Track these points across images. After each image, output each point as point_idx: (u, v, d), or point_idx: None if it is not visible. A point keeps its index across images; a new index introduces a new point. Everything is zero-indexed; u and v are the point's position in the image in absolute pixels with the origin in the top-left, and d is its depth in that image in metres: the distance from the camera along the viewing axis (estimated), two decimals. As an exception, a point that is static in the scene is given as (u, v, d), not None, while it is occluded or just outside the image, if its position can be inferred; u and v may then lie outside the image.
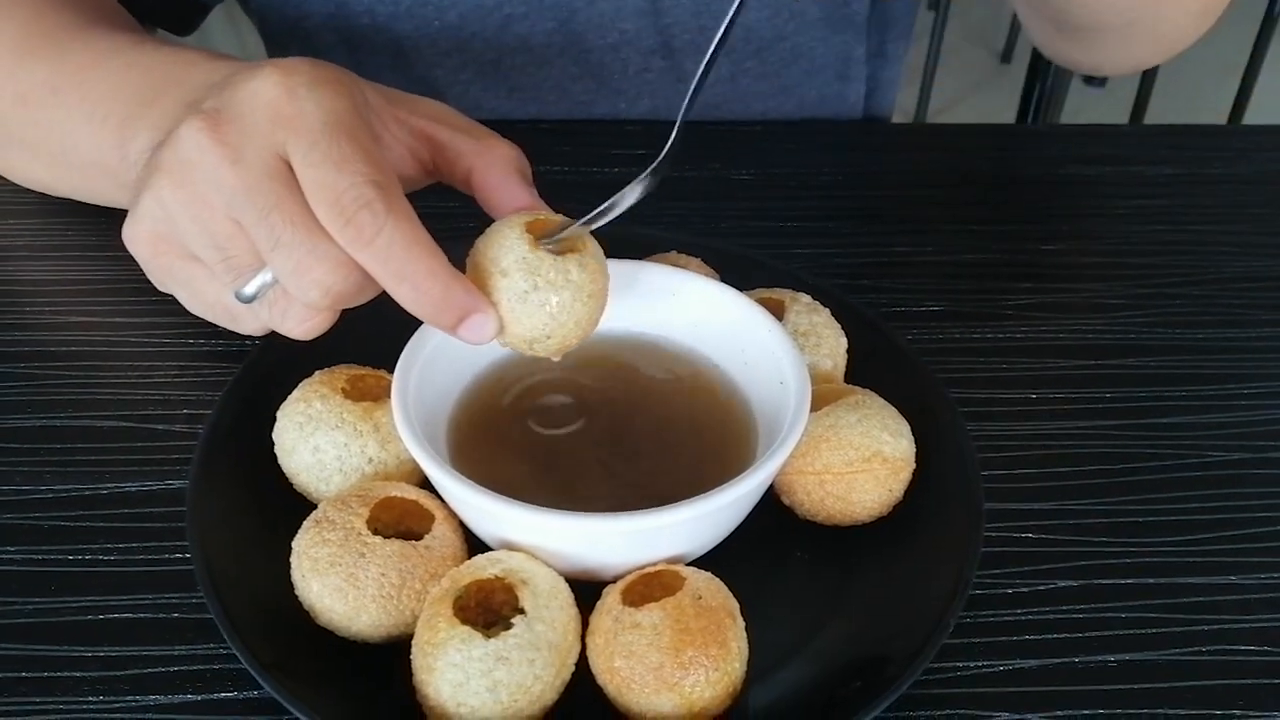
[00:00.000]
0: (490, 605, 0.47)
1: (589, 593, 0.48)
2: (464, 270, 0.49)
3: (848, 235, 0.77)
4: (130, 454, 0.59)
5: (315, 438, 0.52)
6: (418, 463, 0.49)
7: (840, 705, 0.46)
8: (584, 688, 0.47)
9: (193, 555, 0.50)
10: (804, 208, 0.79)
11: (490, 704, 0.44)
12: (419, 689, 0.45)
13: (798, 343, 0.56)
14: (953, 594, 0.49)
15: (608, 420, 0.57)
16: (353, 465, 0.52)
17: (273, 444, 0.54)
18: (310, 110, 0.47)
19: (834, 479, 0.53)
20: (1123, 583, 0.55)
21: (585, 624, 0.48)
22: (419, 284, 0.46)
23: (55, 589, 0.52)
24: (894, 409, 0.55)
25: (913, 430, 0.55)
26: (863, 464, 0.53)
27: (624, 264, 0.57)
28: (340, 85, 0.49)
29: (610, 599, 0.48)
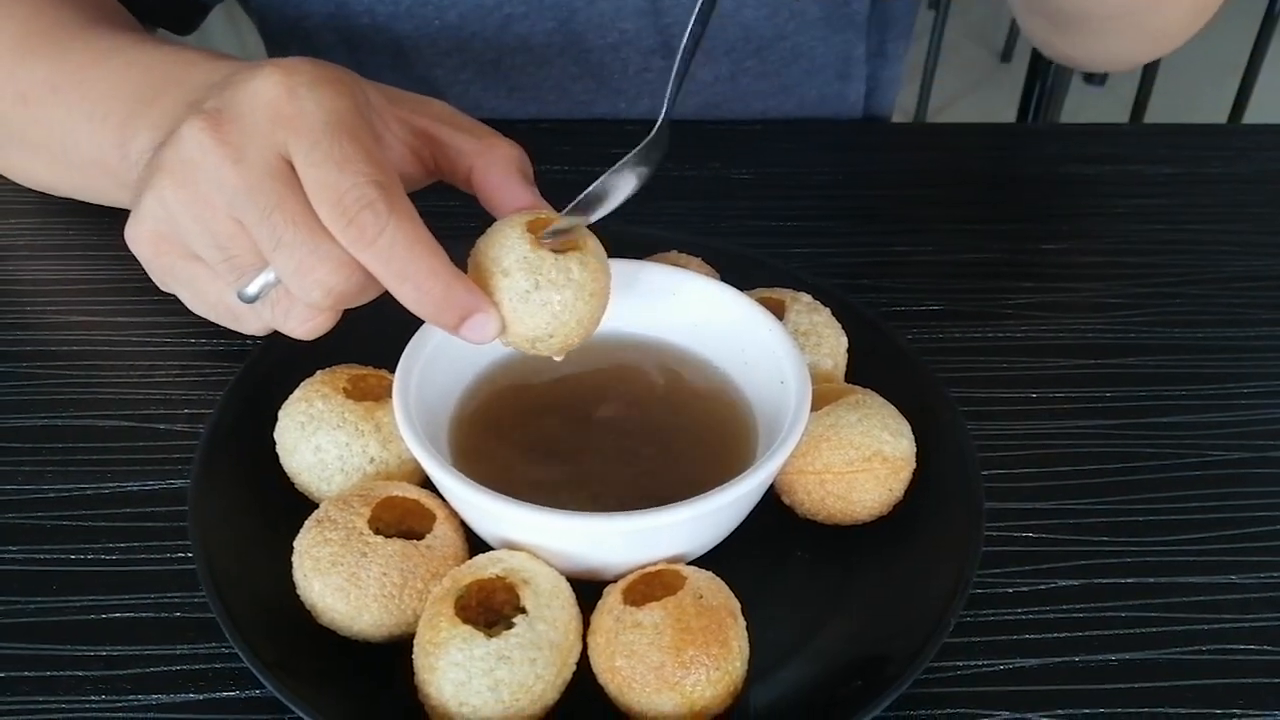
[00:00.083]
0: (492, 605, 0.47)
1: (590, 592, 0.48)
2: (466, 270, 0.49)
3: (848, 234, 0.77)
4: (132, 453, 0.59)
5: (317, 437, 0.52)
6: (419, 462, 0.49)
7: (841, 704, 0.46)
8: (585, 687, 0.47)
9: (194, 554, 0.50)
10: (804, 207, 0.79)
11: (492, 703, 0.44)
12: (421, 688, 0.46)
13: (798, 342, 0.56)
14: (953, 593, 0.49)
15: (608, 420, 0.57)
16: (354, 465, 0.53)
17: (274, 443, 0.54)
18: (312, 110, 0.47)
19: (834, 478, 0.53)
20: (1123, 582, 0.55)
21: (586, 623, 0.48)
22: (421, 284, 0.46)
23: (57, 588, 0.52)
24: (894, 408, 0.55)
25: (913, 430, 0.55)
26: (863, 463, 0.53)
27: (624, 263, 0.57)
28: (342, 85, 0.49)
29: (611, 598, 0.48)
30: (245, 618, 0.48)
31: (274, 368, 0.57)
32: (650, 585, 0.48)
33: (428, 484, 0.51)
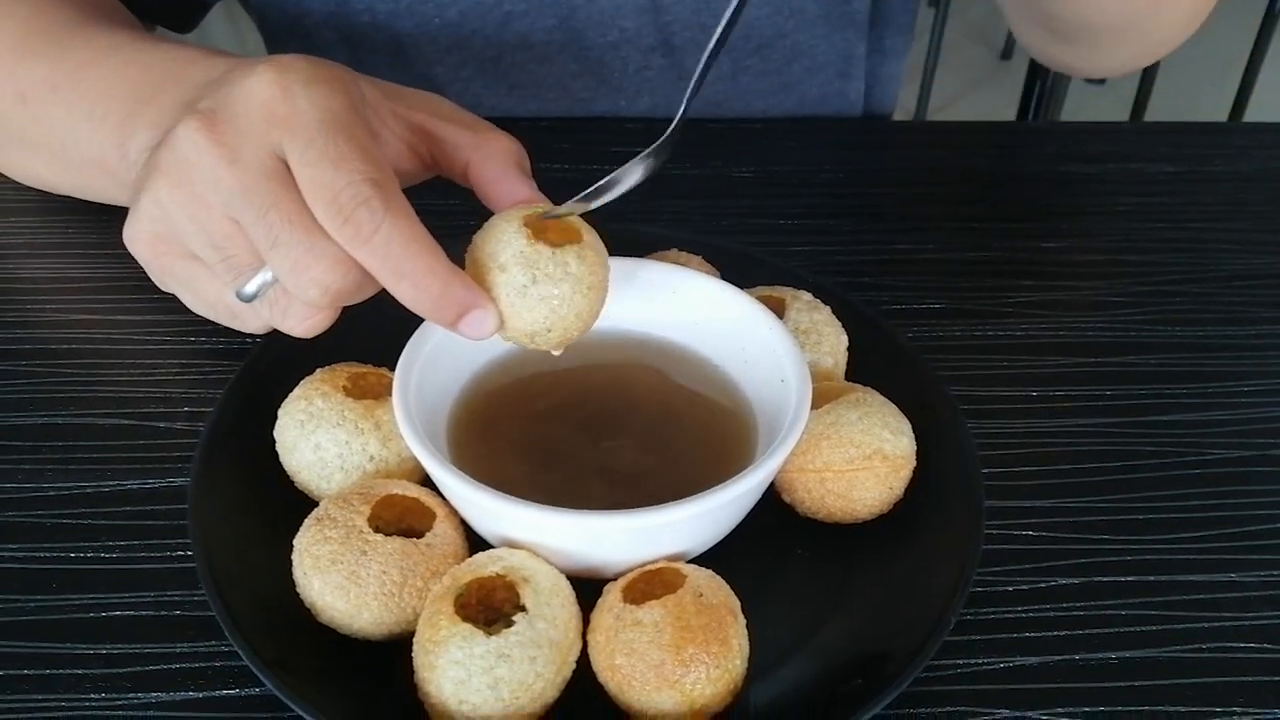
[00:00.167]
0: (491, 603, 0.47)
1: (590, 590, 0.48)
2: (463, 266, 0.49)
3: (848, 233, 0.77)
4: (132, 452, 0.59)
5: (316, 435, 0.52)
6: (419, 460, 0.49)
7: (841, 702, 0.46)
8: (585, 685, 0.47)
9: (194, 553, 0.50)
10: (804, 205, 0.79)
11: (491, 701, 0.44)
12: (420, 686, 0.46)
13: (798, 340, 0.56)
14: (953, 591, 0.49)
15: (609, 418, 0.57)
16: (354, 463, 0.53)
17: (274, 442, 0.54)
18: (305, 108, 0.47)
19: (835, 476, 0.53)
20: (1123, 580, 0.55)
21: (586, 621, 0.48)
22: (418, 281, 0.46)
23: (57, 586, 0.52)
24: (894, 407, 0.55)
25: (913, 428, 0.55)
26: (863, 462, 0.53)
27: (624, 262, 0.57)
28: (336, 82, 0.49)
29: (611, 596, 0.48)
30: (245, 616, 0.48)
31: (274, 366, 0.57)
32: (650, 583, 0.48)
33: (428, 482, 0.51)
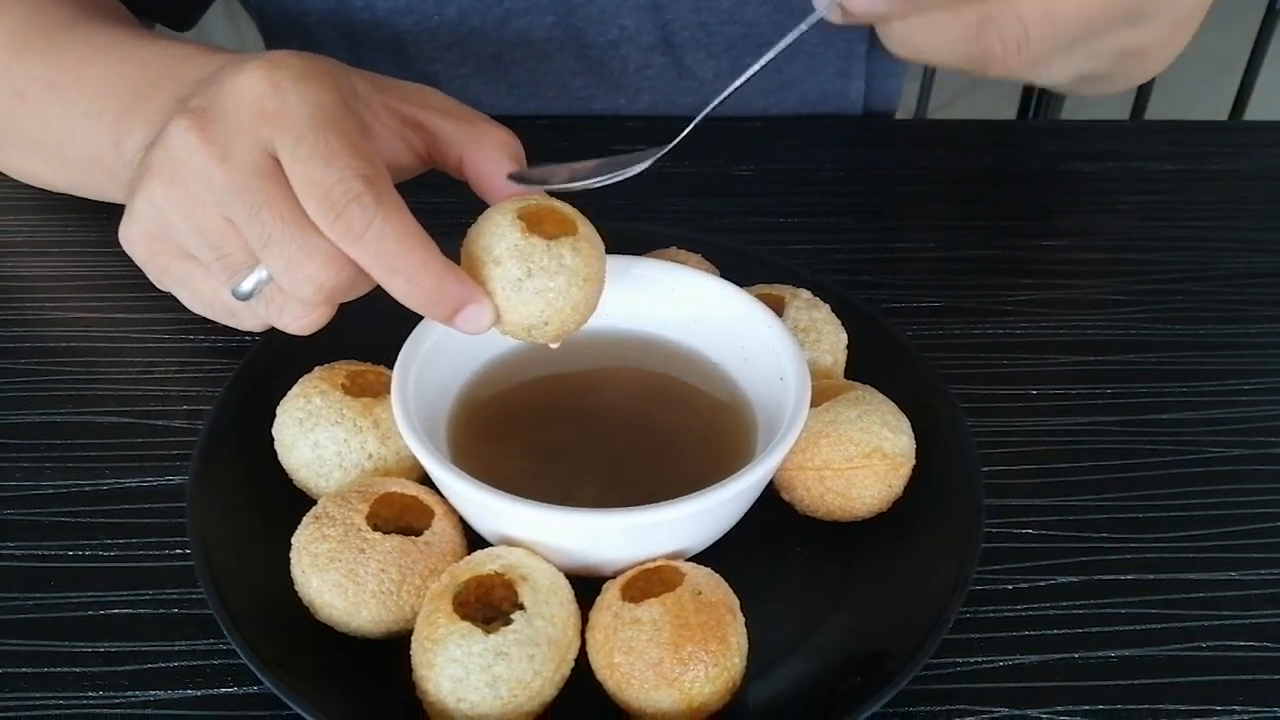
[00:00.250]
0: (490, 601, 0.47)
1: (589, 588, 0.48)
2: (458, 260, 0.49)
3: (848, 231, 0.77)
4: (130, 450, 0.59)
5: (315, 433, 0.52)
6: (417, 458, 0.49)
7: (840, 701, 0.46)
8: (583, 683, 0.47)
9: (193, 551, 0.50)
10: (804, 203, 0.79)
11: (490, 699, 0.44)
12: (419, 684, 0.45)
13: (797, 338, 0.56)
14: (953, 589, 0.49)
15: (607, 416, 0.57)
16: (352, 461, 0.52)
17: (272, 440, 0.54)
18: (295, 105, 0.47)
19: (834, 475, 0.53)
20: (1123, 578, 0.55)
21: (585, 620, 0.48)
22: (412, 276, 0.46)
23: (55, 584, 0.52)
24: (894, 405, 0.55)
25: (913, 426, 0.55)
26: (863, 460, 0.53)
27: (623, 259, 0.57)
28: (326, 77, 0.48)
29: (610, 594, 0.48)
30: (243, 614, 0.47)
31: (272, 364, 0.57)
32: (649, 581, 0.48)
33: (426, 480, 0.51)
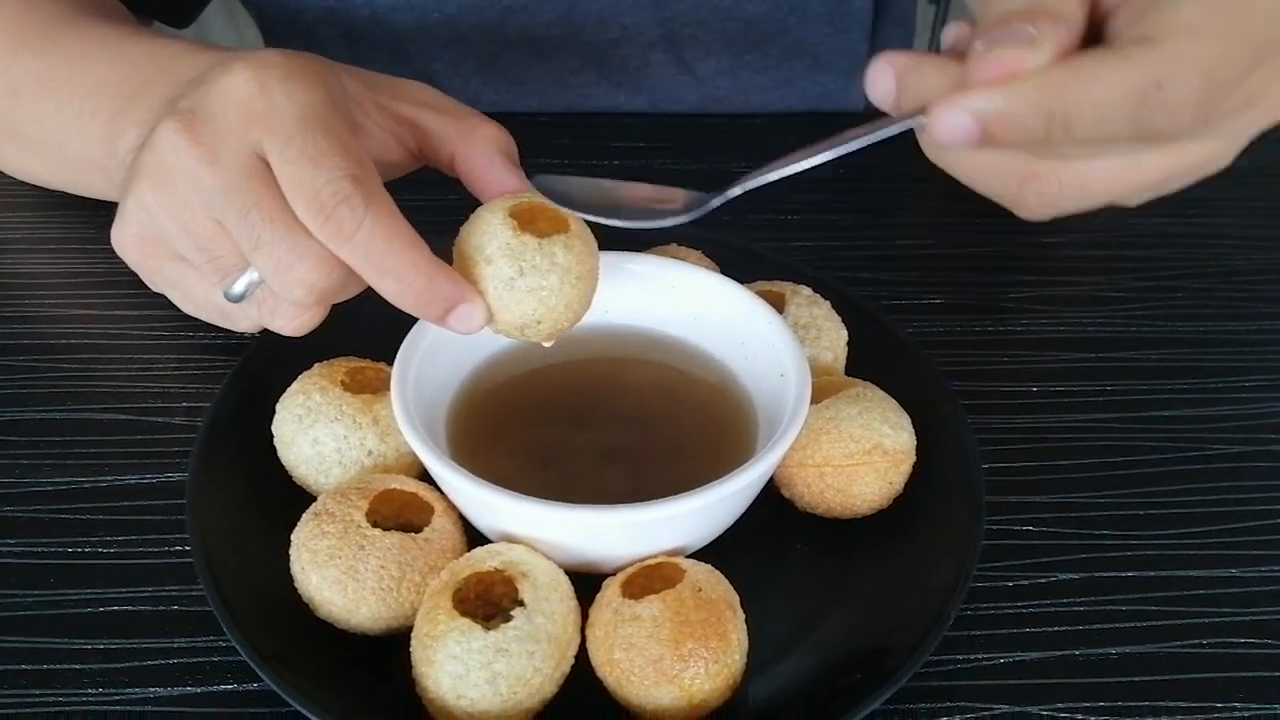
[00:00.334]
0: (490, 598, 0.47)
1: (589, 585, 0.48)
2: (450, 259, 0.49)
3: (849, 228, 0.77)
4: (130, 446, 0.59)
5: (314, 430, 0.52)
6: (417, 455, 0.49)
7: (840, 697, 0.46)
8: (583, 680, 0.47)
9: (192, 548, 0.50)
10: (805, 200, 0.79)
11: (490, 696, 0.44)
12: (418, 681, 0.45)
13: (798, 335, 0.56)
14: (953, 587, 0.49)
15: (607, 413, 0.57)
16: (352, 458, 0.52)
17: (272, 436, 0.54)
18: (283, 105, 0.46)
19: (834, 471, 0.53)
20: (1123, 575, 0.55)
21: (585, 616, 0.48)
22: (402, 276, 0.46)
23: (54, 581, 0.52)
24: (894, 402, 0.55)
25: (913, 423, 0.55)
26: (863, 456, 0.52)
27: (623, 256, 0.57)
28: (314, 76, 0.48)
29: (610, 591, 0.47)
30: (243, 611, 0.47)
31: (272, 361, 0.57)
32: (649, 578, 0.48)
33: (426, 477, 0.51)
